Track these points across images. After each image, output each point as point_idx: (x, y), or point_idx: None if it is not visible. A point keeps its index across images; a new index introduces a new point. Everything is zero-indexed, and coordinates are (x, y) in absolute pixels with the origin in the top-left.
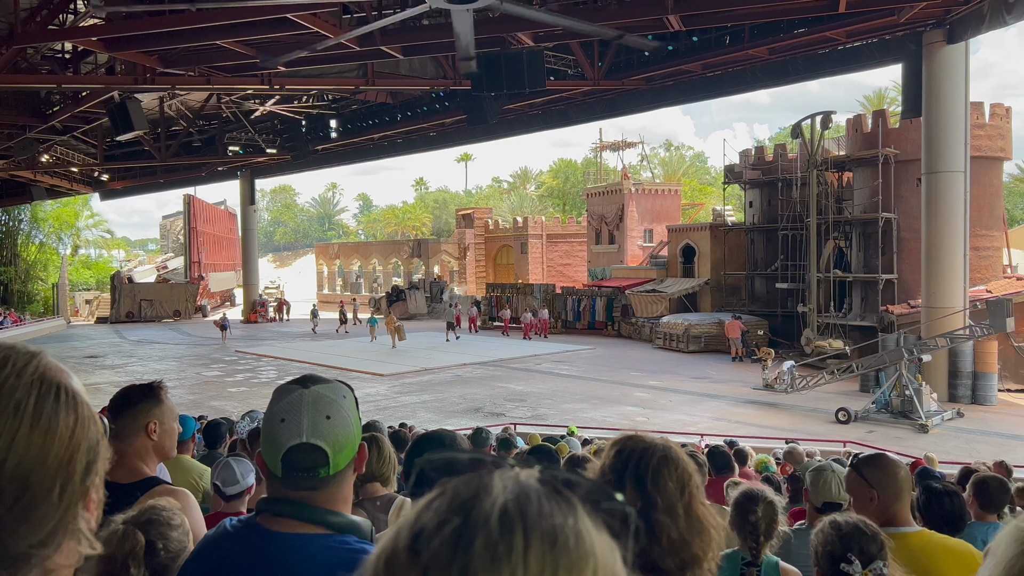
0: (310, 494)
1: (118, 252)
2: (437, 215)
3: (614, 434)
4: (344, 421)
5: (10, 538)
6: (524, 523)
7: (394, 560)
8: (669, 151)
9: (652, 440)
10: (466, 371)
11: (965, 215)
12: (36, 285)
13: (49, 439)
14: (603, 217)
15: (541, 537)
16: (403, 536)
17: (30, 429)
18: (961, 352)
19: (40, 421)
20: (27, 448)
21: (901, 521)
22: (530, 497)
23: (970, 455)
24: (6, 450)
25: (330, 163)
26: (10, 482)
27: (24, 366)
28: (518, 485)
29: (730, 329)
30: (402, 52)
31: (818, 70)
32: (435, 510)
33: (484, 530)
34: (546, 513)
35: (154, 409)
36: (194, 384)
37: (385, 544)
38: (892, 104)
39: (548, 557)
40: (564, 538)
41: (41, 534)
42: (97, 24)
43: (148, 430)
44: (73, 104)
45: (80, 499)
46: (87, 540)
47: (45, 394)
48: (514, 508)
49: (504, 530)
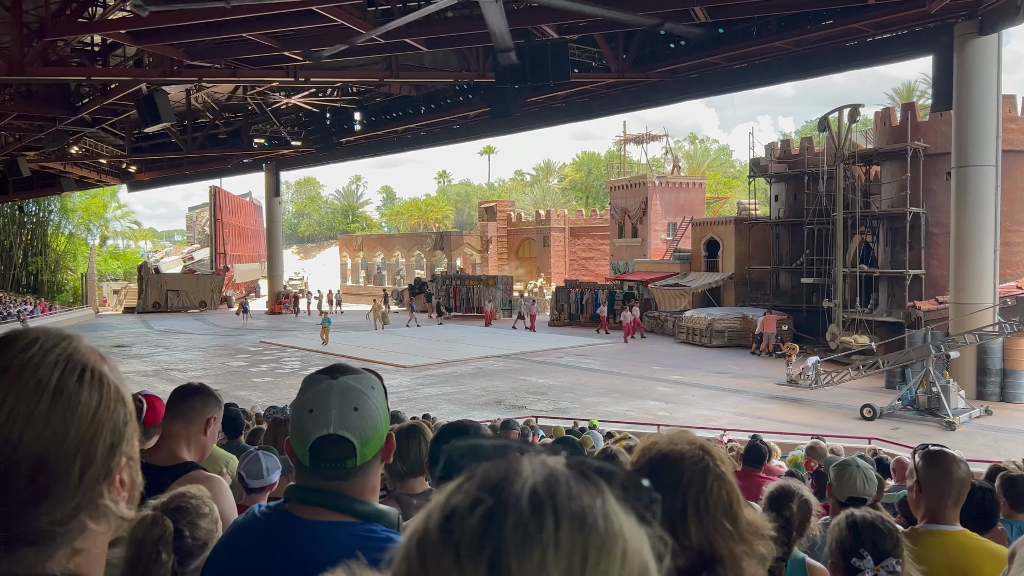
0: (338, 484)
1: (145, 243)
2: (460, 208)
3: (636, 428)
4: (372, 412)
5: (30, 514)
6: (554, 504)
7: (426, 541)
8: (693, 144)
9: (681, 449)
10: (487, 364)
11: (996, 210)
12: (65, 275)
13: (69, 418)
14: (626, 211)
15: (571, 517)
16: (434, 517)
17: (49, 406)
18: (990, 349)
19: (60, 399)
20: (45, 425)
21: (944, 519)
22: (559, 480)
23: (998, 453)
24: (24, 426)
25: (354, 156)
26: (26, 457)
27: (52, 347)
28: (547, 468)
29: (766, 324)
30: (426, 45)
31: (846, 62)
32: (465, 492)
33: (515, 510)
34: (575, 495)
35: (216, 408)
36: (219, 374)
37: (416, 526)
38: (922, 97)
39: (578, 537)
40: (593, 519)
41: (62, 512)
42: (125, 17)
43: (207, 424)
44: (102, 96)
45: (104, 479)
46: (116, 519)
47: (69, 373)
48: (544, 489)
49: (535, 510)
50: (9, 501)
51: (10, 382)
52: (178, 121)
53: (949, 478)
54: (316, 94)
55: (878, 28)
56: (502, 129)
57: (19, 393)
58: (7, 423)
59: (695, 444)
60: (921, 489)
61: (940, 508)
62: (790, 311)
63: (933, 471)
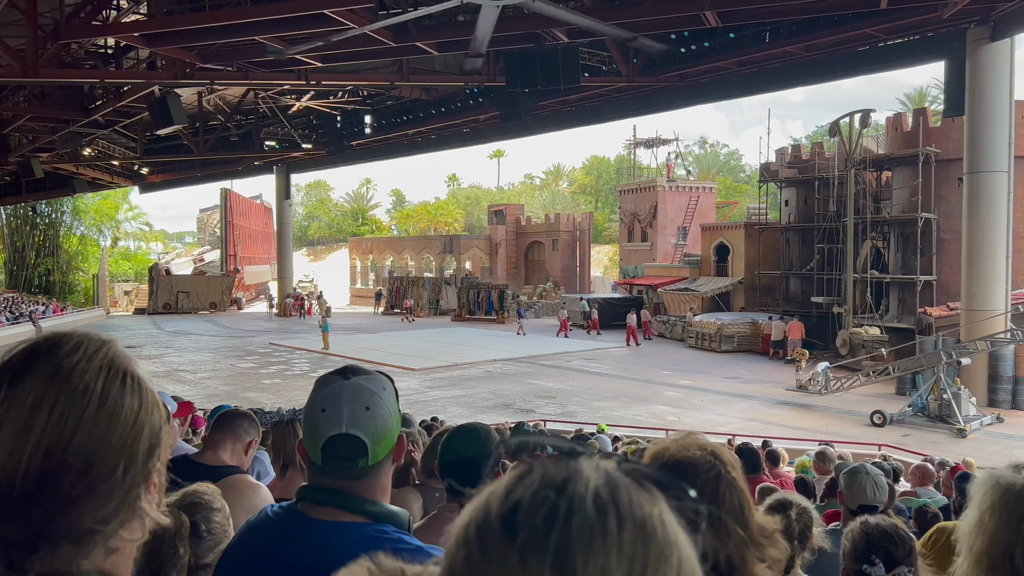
0: (350, 483)
1: (156, 244)
2: (469, 211)
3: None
4: (383, 413)
5: (75, 513)
6: (617, 508)
7: (487, 530)
8: (704, 148)
9: (693, 455)
10: (496, 367)
11: (1008, 216)
12: (77, 276)
13: (114, 421)
14: (636, 215)
15: (633, 522)
16: (495, 508)
17: (96, 410)
18: (1002, 356)
19: (106, 404)
20: (93, 428)
21: None
22: (619, 484)
23: (1009, 460)
24: (74, 429)
25: (364, 159)
26: (76, 458)
27: (95, 352)
28: (606, 471)
29: (792, 330)
30: (437, 48)
31: (857, 67)
32: (528, 487)
33: (581, 510)
34: (635, 501)
35: (257, 434)
36: (229, 376)
37: (474, 514)
38: (934, 103)
39: (640, 541)
40: (653, 526)
41: (104, 511)
42: (139, 20)
43: (249, 445)
44: (115, 98)
45: (143, 481)
46: (150, 519)
47: (112, 378)
48: (606, 493)
49: (600, 512)
50: (58, 500)
51: (59, 386)
52: (190, 123)
53: None
54: (327, 97)
55: (890, 33)
56: (512, 133)
57: (68, 397)
58: (58, 426)
59: (706, 450)
60: None
61: None
62: (800, 316)
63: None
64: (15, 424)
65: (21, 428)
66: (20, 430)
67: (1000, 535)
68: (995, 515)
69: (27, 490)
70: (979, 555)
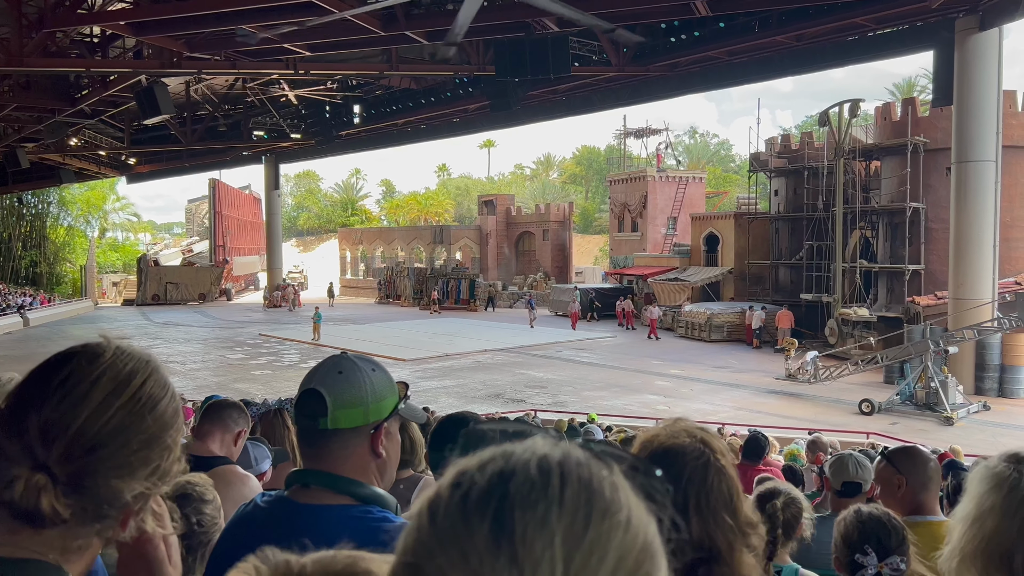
0: (317, 452)
1: (144, 235)
2: (459, 201)
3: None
4: (356, 382)
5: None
6: (562, 468)
7: (437, 501)
8: (694, 138)
9: (683, 442)
10: (487, 357)
11: (995, 205)
12: (64, 267)
13: (157, 418)
14: (626, 205)
15: (578, 480)
16: (446, 480)
17: (167, 403)
18: (989, 344)
19: (148, 402)
20: (160, 417)
21: (928, 510)
22: (570, 452)
23: (996, 448)
24: (150, 409)
25: (354, 148)
26: (137, 435)
27: (130, 356)
28: (560, 445)
29: (781, 319)
30: (426, 37)
31: (846, 57)
32: (478, 456)
33: (524, 471)
34: (584, 464)
35: (247, 425)
36: (218, 367)
37: (430, 491)
38: (922, 92)
39: (583, 497)
40: (600, 484)
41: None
42: (125, 8)
43: (238, 435)
44: (101, 88)
45: (165, 477)
46: (152, 517)
47: (149, 379)
48: (554, 457)
49: (542, 471)
50: (111, 462)
51: (152, 370)
52: (177, 113)
53: (927, 470)
54: (316, 86)
55: (879, 23)
56: (502, 122)
57: (155, 381)
58: (139, 401)
59: (696, 437)
60: (907, 483)
61: (925, 499)
62: (789, 306)
63: (914, 464)
64: (104, 390)
65: (109, 392)
66: (108, 394)
67: (1000, 537)
68: (996, 517)
69: (97, 443)
70: (973, 553)
